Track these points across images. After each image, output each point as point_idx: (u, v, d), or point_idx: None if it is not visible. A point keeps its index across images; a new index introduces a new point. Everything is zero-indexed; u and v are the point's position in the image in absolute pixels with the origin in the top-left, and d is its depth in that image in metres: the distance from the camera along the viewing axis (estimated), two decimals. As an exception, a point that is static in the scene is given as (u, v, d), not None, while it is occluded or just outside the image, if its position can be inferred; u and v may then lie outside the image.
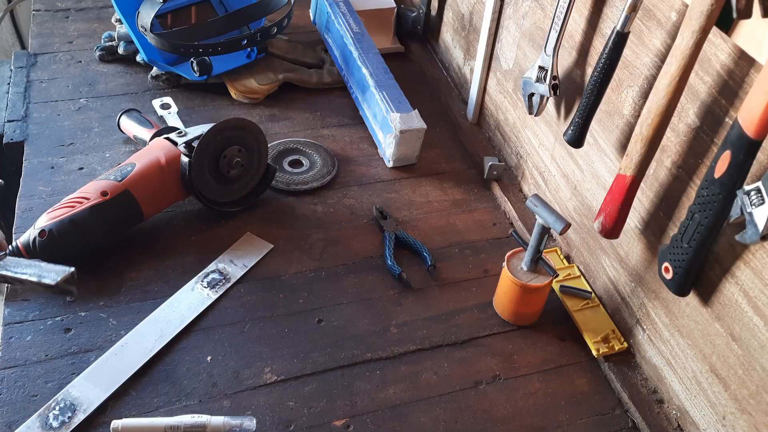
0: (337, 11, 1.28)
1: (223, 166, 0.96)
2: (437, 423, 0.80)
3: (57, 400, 0.75)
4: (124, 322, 0.85)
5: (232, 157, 0.96)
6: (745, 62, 0.63)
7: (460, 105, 1.28)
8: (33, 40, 1.30)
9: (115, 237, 0.92)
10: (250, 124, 0.97)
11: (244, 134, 0.97)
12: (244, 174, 0.99)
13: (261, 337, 0.86)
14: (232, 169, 0.97)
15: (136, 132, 1.06)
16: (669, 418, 0.82)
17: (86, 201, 0.88)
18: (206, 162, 0.95)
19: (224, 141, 0.95)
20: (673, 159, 0.75)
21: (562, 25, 0.86)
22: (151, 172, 0.93)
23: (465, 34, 1.26)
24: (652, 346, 0.84)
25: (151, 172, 0.93)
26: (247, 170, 0.99)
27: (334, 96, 1.27)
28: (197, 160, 0.93)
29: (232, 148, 0.96)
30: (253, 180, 1.01)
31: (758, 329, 0.67)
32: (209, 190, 0.97)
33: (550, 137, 1.01)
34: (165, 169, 0.94)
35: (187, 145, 0.95)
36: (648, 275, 0.83)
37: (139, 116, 1.08)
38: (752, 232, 0.58)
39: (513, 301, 0.89)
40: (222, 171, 0.97)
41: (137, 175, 0.92)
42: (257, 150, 0.99)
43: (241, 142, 0.97)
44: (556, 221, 0.81)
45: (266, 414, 0.78)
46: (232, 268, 0.93)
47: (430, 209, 1.07)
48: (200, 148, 0.93)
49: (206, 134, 0.93)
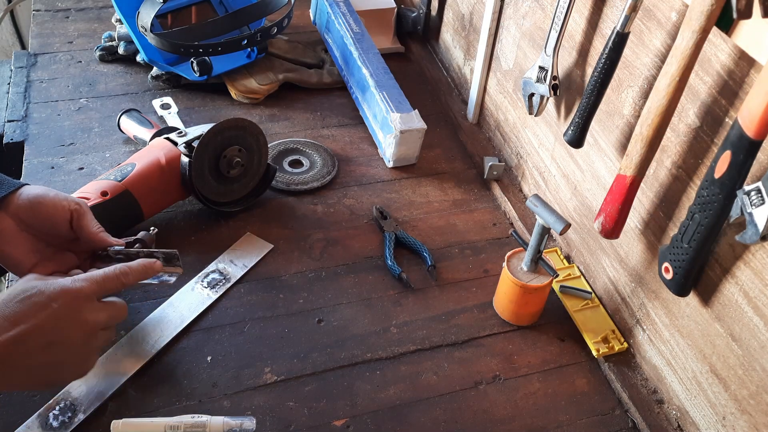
0: (337, 11, 1.28)
1: (223, 166, 0.96)
2: (437, 423, 0.80)
3: (57, 400, 0.75)
4: (124, 322, 0.84)
5: (232, 157, 0.96)
6: (745, 62, 0.63)
7: (460, 105, 1.28)
8: (33, 40, 1.30)
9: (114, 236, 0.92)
10: (250, 125, 0.97)
11: (244, 134, 0.97)
12: (244, 174, 0.99)
13: (261, 337, 0.86)
14: (233, 169, 0.97)
15: (136, 132, 1.06)
16: (669, 418, 0.82)
17: (86, 201, 0.88)
18: (206, 162, 0.95)
19: (224, 141, 0.95)
20: (673, 159, 0.75)
21: (562, 25, 0.87)
22: (151, 172, 0.93)
23: (465, 34, 1.26)
24: (652, 347, 0.84)
25: (151, 172, 0.93)
26: (247, 170, 0.99)
27: (334, 96, 1.27)
28: (197, 160, 0.93)
29: (232, 148, 0.96)
30: (254, 180, 1.01)
31: (758, 329, 0.67)
32: (209, 190, 0.97)
33: (550, 137, 1.01)
34: (165, 169, 0.94)
35: (187, 145, 0.95)
36: (648, 275, 0.83)
37: (139, 116, 1.08)
38: (752, 232, 0.58)
39: (513, 301, 0.89)
40: (222, 171, 0.96)
41: (137, 175, 0.92)
42: (257, 150, 0.99)
43: (241, 143, 0.97)
44: (556, 221, 0.81)
45: (266, 414, 0.78)
46: (232, 268, 0.93)
47: (430, 209, 1.07)
48: (200, 148, 0.93)
49: (206, 134, 0.93)
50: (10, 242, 0.75)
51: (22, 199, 0.75)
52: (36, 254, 0.77)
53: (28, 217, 0.75)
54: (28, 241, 0.76)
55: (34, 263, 0.77)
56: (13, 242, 0.75)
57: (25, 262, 0.76)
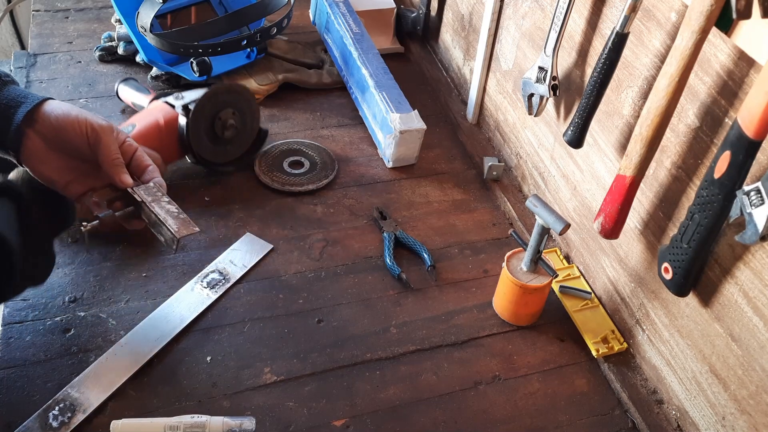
0: (336, 12, 1.28)
1: (218, 128, 1.02)
2: (437, 423, 0.80)
3: (56, 401, 0.75)
4: (124, 322, 0.85)
5: (227, 120, 1.02)
6: (745, 63, 0.63)
7: (460, 105, 1.28)
8: (33, 40, 1.30)
9: None
10: (244, 89, 1.04)
11: (238, 98, 1.03)
12: (238, 136, 1.05)
13: (261, 337, 0.86)
14: (227, 131, 1.03)
15: (134, 99, 1.12)
16: (669, 418, 0.82)
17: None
18: (202, 123, 1.00)
19: (219, 104, 1.01)
20: (673, 159, 0.75)
21: (561, 25, 0.87)
22: (150, 132, 0.99)
23: (465, 34, 1.26)
24: (651, 347, 0.84)
25: (151, 132, 0.99)
26: (241, 133, 1.06)
27: (334, 96, 1.27)
28: (194, 121, 0.99)
29: (226, 111, 1.02)
30: (247, 142, 1.07)
31: (758, 330, 0.67)
32: (205, 151, 1.03)
33: (550, 138, 1.01)
34: (163, 130, 0.99)
35: (184, 107, 1.00)
36: (648, 276, 0.83)
37: (137, 84, 1.13)
38: (752, 232, 0.58)
39: (512, 301, 0.89)
40: (217, 132, 1.02)
41: (137, 134, 0.97)
42: (250, 114, 1.05)
43: (235, 106, 1.03)
44: (555, 221, 0.81)
45: (266, 414, 0.78)
46: (232, 268, 0.93)
47: (429, 209, 1.07)
48: (196, 109, 0.99)
49: (202, 97, 0.99)
50: (42, 161, 0.75)
51: (46, 117, 0.74)
52: (70, 172, 0.77)
53: (53, 136, 0.75)
54: (58, 159, 0.76)
55: (68, 180, 0.77)
56: (44, 161, 0.75)
57: (58, 180, 0.77)
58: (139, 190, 0.78)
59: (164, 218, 0.76)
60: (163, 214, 0.76)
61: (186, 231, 0.75)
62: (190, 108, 0.99)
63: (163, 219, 0.76)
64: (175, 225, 0.75)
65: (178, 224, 0.75)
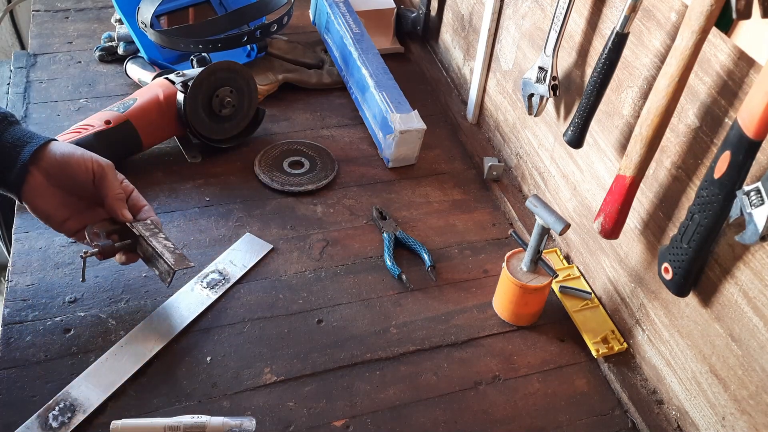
0: (336, 12, 1.28)
1: (215, 105, 1.05)
2: (437, 424, 0.80)
3: (56, 401, 0.75)
4: (124, 322, 0.85)
5: (224, 97, 1.05)
6: (745, 63, 0.63)
7: (460, 105, 1.28)
8: (33, 40, 1.30)
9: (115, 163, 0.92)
10: (242, 68, 1.07)
11: (235, 77, 1.06)
12: (235, 114, 1.09)
13: (261, 337, 0.86)
14: (224, 108, 1.06)
15: (140, 75, 1.17)
16: (669, 418, 0.82)
17: (91, 128, 0.99)
18: (200, 99, 1.04)
19: (217, 82, 1.04)
20: (673, 159, 0.75)
21: (561, 25, 0.87)
22: (150, 106, 1.03)
23: (465, 34, 1.26)
24: (651, 347, 0.84)
25: (151, 107, 1.03)
26: (238, 111, 1.09)
27: (334, 96, 1.27)
28: (192, 97, 1.02)
29: (224, 89, 1.05)
30: (244, 121, 1.11)
31: (758, 330, 0.67)
32: (202, 127, 1.06)
33: (550, 138, 1.01)
34: (163, 105, 1.04)
35: (183, 83, 1.03)
36: (648, 276, 0.83)
37: (144, 62, 1.20)
38: (752, 232, 0.58)
39: (512, 301, 0.89)
40: (215, 109, 1.06)
41: (138, 108, 1.02)
42: (248, 93, 1.09)
43: (232, 84, 1.06)
44: (555, 221, 0.81)
45: (266, 414, 0.78)
46: (232, 268, 0.93)
47: (429, 210, 1.07)
48: (195, 85, 1.02)
49: (200, 74, 1.02)
50: (41, 197, 0.79)
51: (51, 155, 0.78)
52: (67, 208, 0.81)
53: (56, 173, 0.79)
54: (58, 195, 0.80)
55: (65, 217, 0.81)
56: (44, 197, 0.79)
57: (55, 215, 0.81)
58: (138, 225, 0.82)
59: (161, 252, 0.80)
60: (160, 248, 0.80)
61: (181, 265, 0.80)
62: (188, 84, 1.02)
63: (161, 252, 0.80)
64: (171, 258, 0.80)
65: (174, 258, 0.80)
